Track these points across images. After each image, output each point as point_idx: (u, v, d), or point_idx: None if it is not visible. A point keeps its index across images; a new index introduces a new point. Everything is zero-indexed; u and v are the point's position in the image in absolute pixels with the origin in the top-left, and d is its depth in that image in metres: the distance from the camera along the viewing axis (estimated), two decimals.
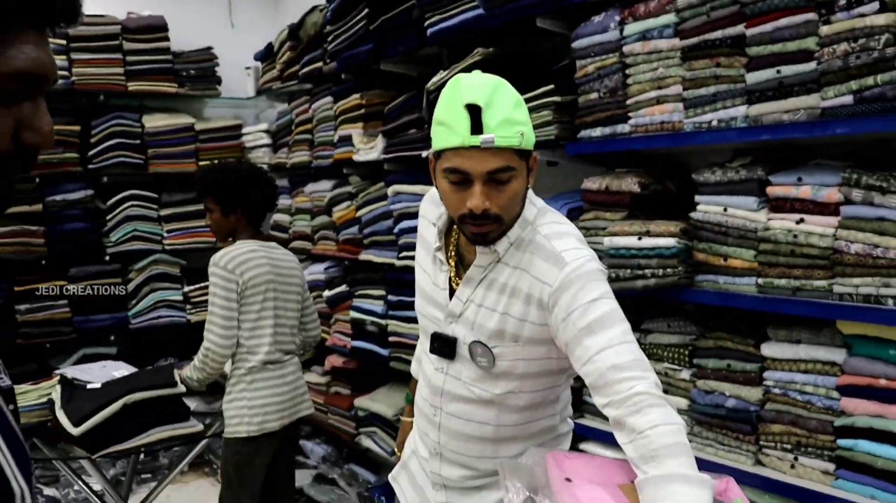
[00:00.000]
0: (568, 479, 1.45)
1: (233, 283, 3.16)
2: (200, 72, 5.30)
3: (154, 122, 5.13)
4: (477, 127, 1.58)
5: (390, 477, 2.21)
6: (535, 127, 3.00)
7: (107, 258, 5.09)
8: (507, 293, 1.74)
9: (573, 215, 2.94)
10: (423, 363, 1.98)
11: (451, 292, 1.85)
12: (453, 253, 1.87)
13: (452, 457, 1.89)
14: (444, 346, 1.82)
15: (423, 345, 2.01)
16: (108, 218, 5.14)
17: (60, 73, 4.85)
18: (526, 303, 1.72)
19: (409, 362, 3.84)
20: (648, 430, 1.46)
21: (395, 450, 2.32)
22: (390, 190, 3.79)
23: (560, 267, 1.66)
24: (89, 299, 4.99)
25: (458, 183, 1.64)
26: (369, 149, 3.98)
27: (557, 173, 3.41)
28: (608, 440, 2.80)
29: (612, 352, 1.57)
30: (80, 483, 3.76)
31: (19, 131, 0.86)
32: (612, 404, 1.54)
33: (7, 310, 4.81)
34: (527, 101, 3.03)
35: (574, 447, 2.76)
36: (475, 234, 1.70)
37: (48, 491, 4.64)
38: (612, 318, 1.63)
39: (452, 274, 1.85)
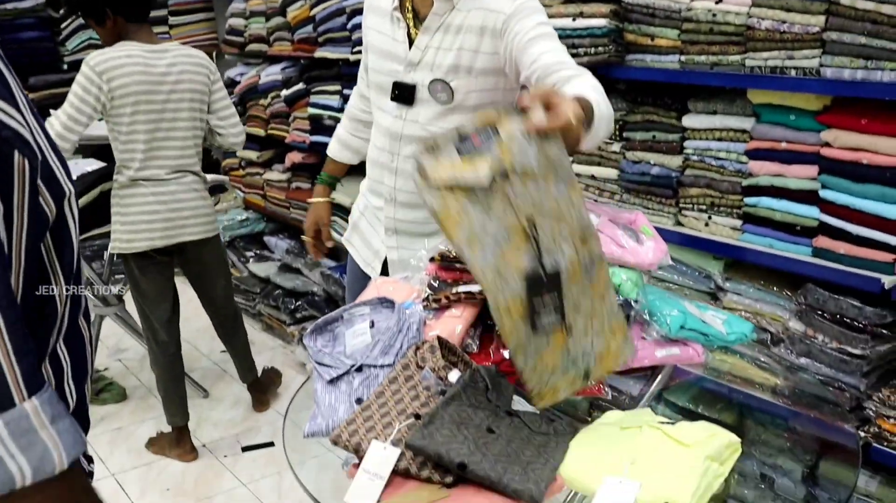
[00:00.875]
0: None
1: (94, 88, 2.95)
2: None
3: None
4: None
5: (343, 239, 2.50)
6: None
7: (64, 67, 5.15)
8: (462, 31, 2.02)
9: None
10: (379, 117, 2.22)
11: (410, 44, 2.10)
12: (410, 8, 2.11)
13: (407, 199, 2.17)
14: (403, 92, 2.09)
15: (377, 101, 2.24)
16: (62, 27, 5.16)
17: None
18: (479, 34, 2.01)
19: None
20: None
21: (305, 233, 2.60)
22: None
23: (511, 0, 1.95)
24: (52, 106, 5.07)
25: None
26: None
27: None
28: None
29: (555, 54, 1.88)
30: None
31: None
32: (558, 83, 1.80)
33: None
34: None
35: None
36: None
37: None
38: (553, 35, 1.94)
39: (411, 25, 2.09)
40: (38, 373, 0.80)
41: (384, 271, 2.31)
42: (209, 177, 3.84)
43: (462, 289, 1.67)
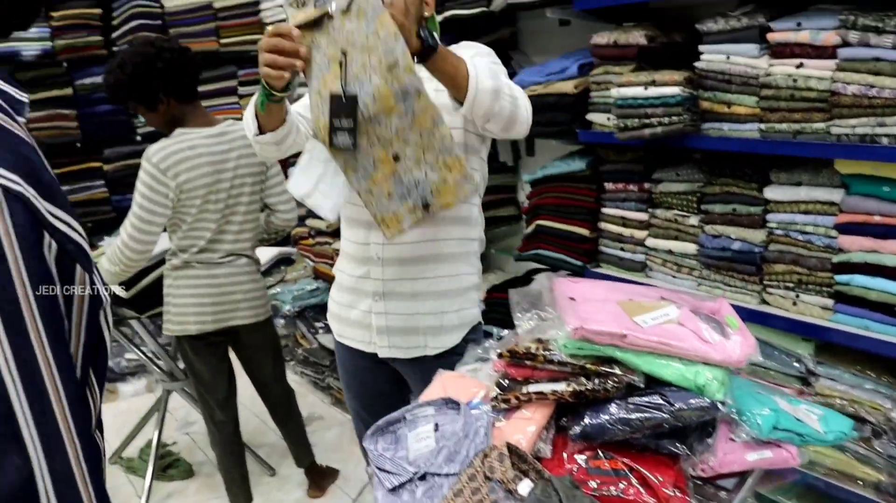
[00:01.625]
0: (572, 299, 1.61)
1: (161, 187, 2.84)
2: None
3: (174, 1, 5.17)
4: None
5: (335, 336, 2.34)
6: None
7: (138, 138, 5.25)
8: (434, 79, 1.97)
9: (585, 70, 3.03)
10: None
11: None
12: None
13: (396, 253, 2.10)
14: None
15: None
16: None
17: None
18: None
19: None
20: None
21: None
22: None
23: (474, 47, 2.07)
24: (124, 178, 5.16)
25: None
26: None
27: (569, 33, 3.47)
28: None
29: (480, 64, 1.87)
30: (133, 347, 4.03)
31: None
32: None
33: None
34: None
35: None
36: None
37: None
38: (492, 64, 1.97)
39: None
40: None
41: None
42: (275, 250, 3.81)
43: (533, 388, 1.55)
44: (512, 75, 3.57)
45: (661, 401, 1.47)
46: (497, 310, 3.78)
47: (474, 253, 2.22)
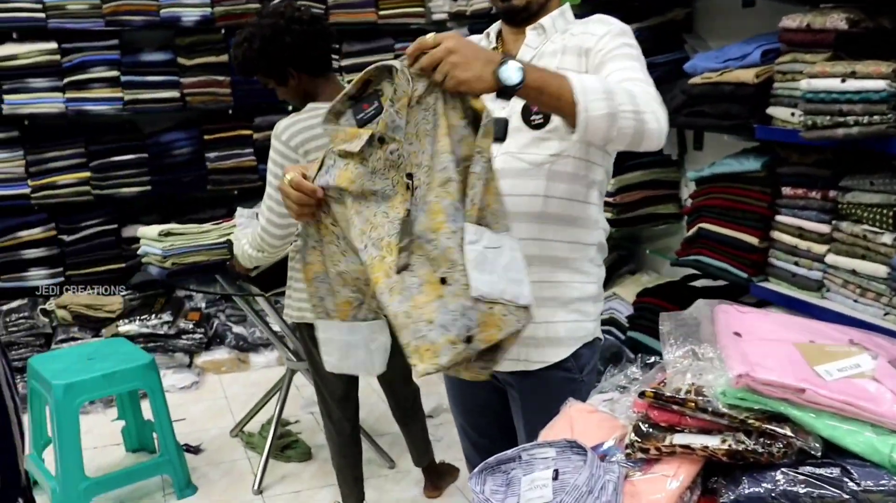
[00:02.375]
0: (737, 334, 1.30)
1: (291, 163, 2.58)
2: None
3: None
4: None
5: None
6: None
7: (290, 108, 5.16)
8: (559, 54, 1.83)
9: (769, 58, 2.68)
10: None
11: None
12: (500, 50, 1.94)
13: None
14: (498, 129, 1.72)
15: None
16: None
17: None
18: (577, 55, 1.81)
19: None
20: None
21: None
22: None
23: (608, 24, 1.82)
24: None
25: None
26: None
27: (753, 15, 3.09)
28: (797, 307, 2.61)
29: (623, 73, 1.68)
30: (261, 322, 3.95)
31: None
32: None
33: (198, 158, 5.02)
34: None
35: None
36: (503, 7, 1.86)
37: (237, 328, 4.92)
38: (633, 56, 1.75)
39: None
40: None
41: None
42: None
43: (679, 439, 1.26)
44: (684, 60, 3.24)
45: (842, 477, 1.15)
46: (646, 318, 3.47)
47: (591, 259, 1.93)
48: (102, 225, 4.94)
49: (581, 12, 1.99)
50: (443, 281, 1.49)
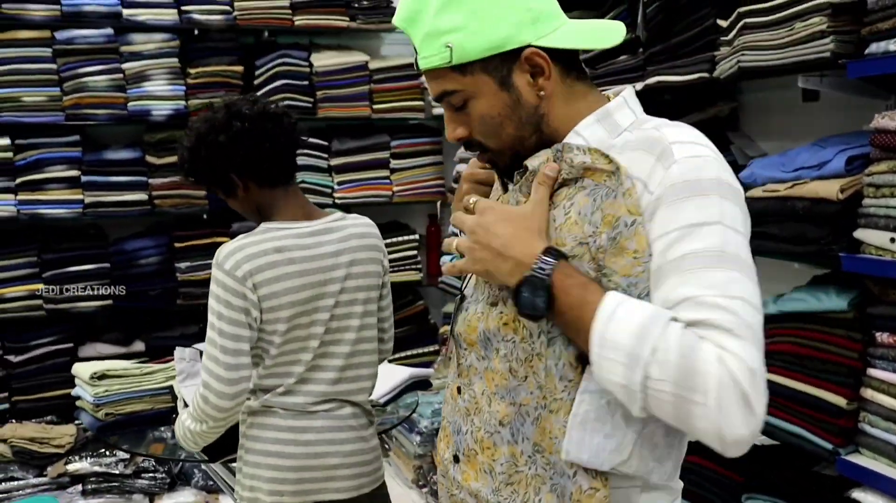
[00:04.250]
0: None
1: (240, 300, 2.01)
2: (374, 2, 4.68)
3: (324, 60, 4.57)
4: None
5: None
6: (802, 41, 2.18)
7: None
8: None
9: (855, 166, 2.12)
10: None
11: None
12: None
13: None
14: None
15: None
16: None
17: (220, 7, 4.39)
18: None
19: None
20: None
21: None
22: None
23: (664, 162, 1.15)
24: None
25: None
26: None
27: (818, 111, 2.55)
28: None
29: (688, 289, 1.10)
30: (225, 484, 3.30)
31: None
32: None
33: (167, 268, 4.46)
34: (787, 3, 2.21)
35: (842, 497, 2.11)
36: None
37: (205, 465, 4.28)
38: (737, 265, 1.10)
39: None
40: None
41: None
42: (405, 373, 2.99)
43: None
44: (732, 164, 2.68)
45: None
46: (692, 481, 2.82)
47: None
48: (56, 344, 4.34)
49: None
50: None
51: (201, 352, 2.31)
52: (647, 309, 1.09)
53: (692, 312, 1.08)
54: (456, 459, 1.34)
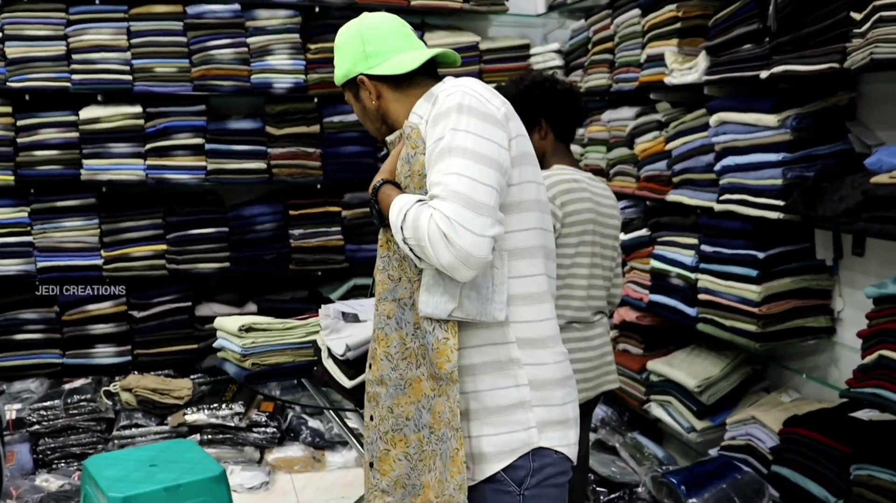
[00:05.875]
0: None
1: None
2: None
3: (436, 40, 4.70)
4: None
5: None
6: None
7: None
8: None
9: None
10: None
11: None
12: None
13: None
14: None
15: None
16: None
17: None
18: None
19: (721, 325, 3.23)
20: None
21: None
22: (713, 118, 3.12)
23: (433, 104, 1.76)
24: (362, 227, 4.73)
25: None
26: (687, 69, 3.33)
27: None
28: None
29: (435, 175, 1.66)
30: (345, 429, 3.50)
31: None
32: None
33: (282, 235, 4.68)
34: None
35: None
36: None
37: (312, 422, 4.49)
38: (452, 150, 1.64)
39: None
40: None
41: None
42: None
43: None
44: (849, 152, 2.79)
45: None
46: (796, 451, 2.93)
47: (513, 360, 1.75)
48: (176, 302, 4.60)
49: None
50: None
51: (343, 312, 2.54)
52: (409, 197, 1.67)
53: (432, 191, 1.62)
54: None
